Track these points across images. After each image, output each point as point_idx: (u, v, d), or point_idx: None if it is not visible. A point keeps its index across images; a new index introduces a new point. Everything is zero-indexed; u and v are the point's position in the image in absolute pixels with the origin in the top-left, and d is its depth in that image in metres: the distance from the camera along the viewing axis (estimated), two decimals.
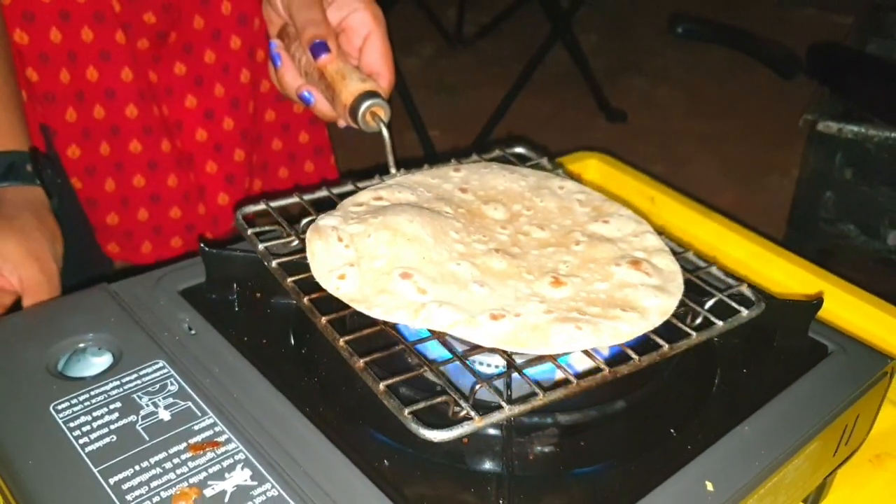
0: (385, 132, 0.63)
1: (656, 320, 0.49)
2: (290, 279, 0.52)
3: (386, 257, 0.52)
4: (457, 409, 0.43)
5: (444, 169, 0.64)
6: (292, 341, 0.56)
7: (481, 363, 0.52)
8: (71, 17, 0.80)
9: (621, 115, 2.42)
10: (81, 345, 0.53)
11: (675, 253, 0.57)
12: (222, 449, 0.45)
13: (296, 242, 0.55)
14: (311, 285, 0.51)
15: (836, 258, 1.40)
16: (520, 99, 2.26)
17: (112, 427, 0.46)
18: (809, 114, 1.19)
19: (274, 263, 0.53)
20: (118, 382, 0.50)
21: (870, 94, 1.22)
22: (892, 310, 0.74)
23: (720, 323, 0.51)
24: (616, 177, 0.97)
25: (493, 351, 0.47)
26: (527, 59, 2.30)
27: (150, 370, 0.51)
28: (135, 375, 0.50)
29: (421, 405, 0.43)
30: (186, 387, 0.49)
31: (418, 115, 2.17)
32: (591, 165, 0.99)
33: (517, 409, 0.43)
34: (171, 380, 0.50)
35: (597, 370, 0.46)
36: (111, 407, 0.48)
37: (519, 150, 0.70)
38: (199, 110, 0.90)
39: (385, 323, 0.49)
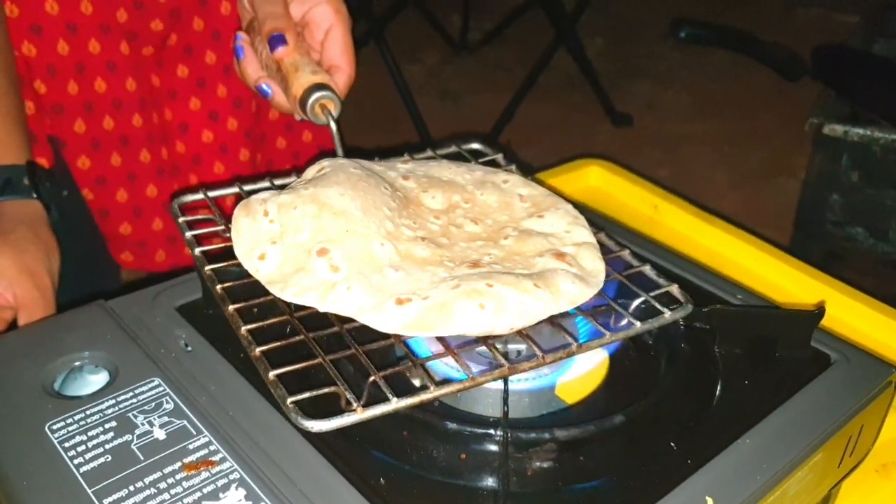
0: (333, 126, 0.63)
1: (564, 305, 0.49)
2: (208, 267, 0.52)
3: (309, 230, 0.51)
4: (347, 401, 0.43)
5: (394, 160, 0.64)
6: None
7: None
8: (78, 30, 0.80)
9: (627, 119, 2.41)
10: (78, 363, 0.53)
11: (609, 251, 0.56)
12: (217, 468, 0.45)
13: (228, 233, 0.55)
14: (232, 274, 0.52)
15: (843, 261, 1.39)
16: (525, 104, 2.26)
17: (107, 447, 0.46)
18: (815, 117, 1.18)
19: (197, 251, 0.54)
20: (114, 401, 0.49)
21: (876, 95, 1.21)
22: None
23: (638, 324, 0.50)
24: (618, 183, 0.96)
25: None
26: (531, 65, 2.30)
27: (145, 388, 0.50)
28: (130, 394, 0.50)
29: (306, 395, 0.43)
30: (182, 405, 0.49)
31: (423, 121, 2.18)
32: (593, 172, 0.98)
33: (405, 401, 0.43)
34: (167, 398, 0.50)
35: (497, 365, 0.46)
36: (106, 426, 0.47)
37: (475, 145, 0.69)
38: (203, 112, 0.91)
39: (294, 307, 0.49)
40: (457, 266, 0.51)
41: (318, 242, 0.50)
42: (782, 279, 0.79)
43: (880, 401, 0.54)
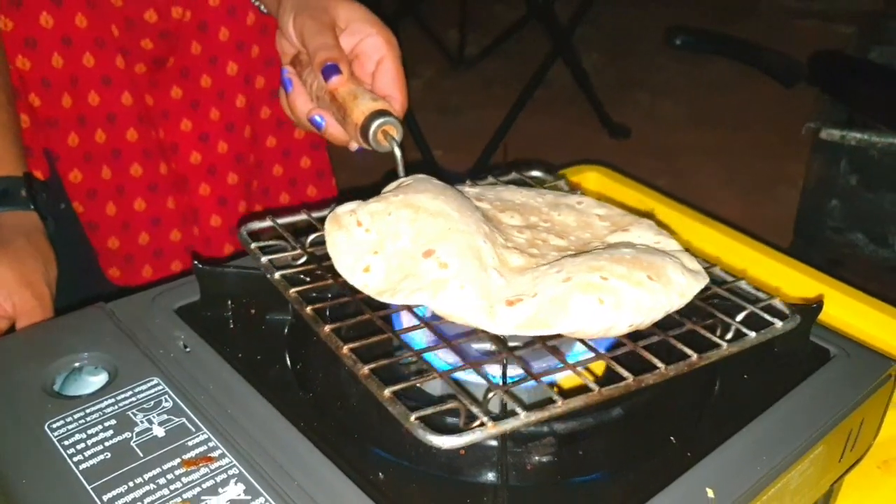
0: (397, 151, 0.63)
1: (676, 299, 0.48)
2: (293, 290, 0.51)
3: (409, 235, 0.50)
4: (468, 416, 0.42)
5: (460, 186, 0.63)
6: (287, 358, 0.55)
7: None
8: (73, 43, 0.80)
9: (625, 130, 2.42)
10: (77, 364, 0.53)
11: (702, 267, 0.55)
12: (216, 464, 0.45)
13: (302, 258, 0.55)
14: (313, 297, 0.50)
15: (844, 268, 1.39)
16: (522, 117, 2.26)
17: (107, 444, 0.46)
18: (812, 122, 1.18)
19: (277, 275, 0.53)
20: (113, 400, 0.49)
21: (872, 100, 1.22)
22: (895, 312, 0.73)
23: (752, 334, 0.49)
24: (617, 189, 0.97)
25: (508, 355, 0.47)
26: (528, 79, 2.31)
27: (144, 387, 0.50)
28: (130, 393, 0.50)
29: (429, 411, 0.41)
30: (181, 403, 0.49)
31: (422, 135, 2.18)
32: (592, 178, 0.98)
33: (534, 416, 0.42)
34: (166, 396, 0.50)
35: (620, 378, 0.45)
36: (106, 424, 0.47)
37: (535, 172, 0.70)
38: (193, 133, 0.91)
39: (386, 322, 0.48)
40: (557, 249, 0.50)
41: (421, 245, 0.49)
42: (781, 280, 0.79)
43: (880, 394, 0.54)
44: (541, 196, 0.62)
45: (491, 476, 0.46)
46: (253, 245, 0.56)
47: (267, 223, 0.58)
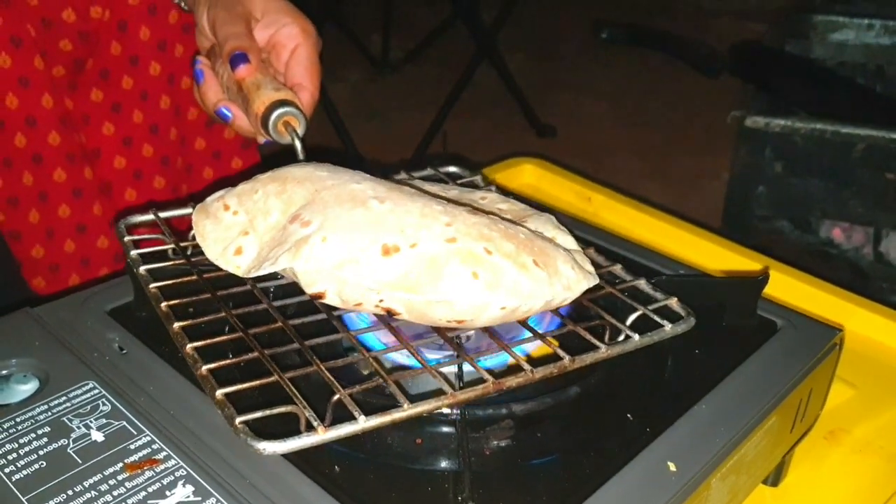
0: (297, 144, 0.60)
1: (560, 291, 0.46)
2: (153, 285, 0.49)
3: (278, 208, 0.48)
4: (308, 420, 0.40)
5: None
6: (229, 355, 0.53)
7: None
8: None
9: (551, 129, 2.44)
10: (4, 372, 0.50)
11: (600, 266, 0.54)
12: (161, 466, 0.43)
13: (180, 252, 0.53)
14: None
15: (771, 254, 1.43)
16: (450, 120, 2.26)
17: (41, 453, 0.43)
18: (737, 110, 1.21)
19: (142, 269, 0.51)
20: (46, 407, 0.47)
21: (793, 88, 1.25)
22: (832, 288, 0.75)
23: (636, 337, 0.47)
24: (551, 179, 0.97)
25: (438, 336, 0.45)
26: (455, 81, 2.31)
27: (79, 392, 0.48)
28: (64, 398, 0.47)
29: (258, 414, 0.40)
30: (120, 406, 0.47)
31: (351, 139, 2.16)
32: (527, 170, 0.99)
33: (373, 421, 0.40)
34: (103, 400, 0.47)
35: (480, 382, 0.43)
36: (39, 432, 0.45)
37: (452, 168, 0.68)
38: (116, 137, 0.87)
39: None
40: (451, 204, 0.48)
41: (290, 215, 0.47)
42: (718, 262, 0.80)
43: (827, 363, 0.55)
44: (445, 192, 0.59)
45: (449, 463, 0.45)
46: (126, 238, 0.54)
47: (149, 216, 0.56)
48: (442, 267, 0.44)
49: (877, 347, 0.70)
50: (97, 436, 0.44)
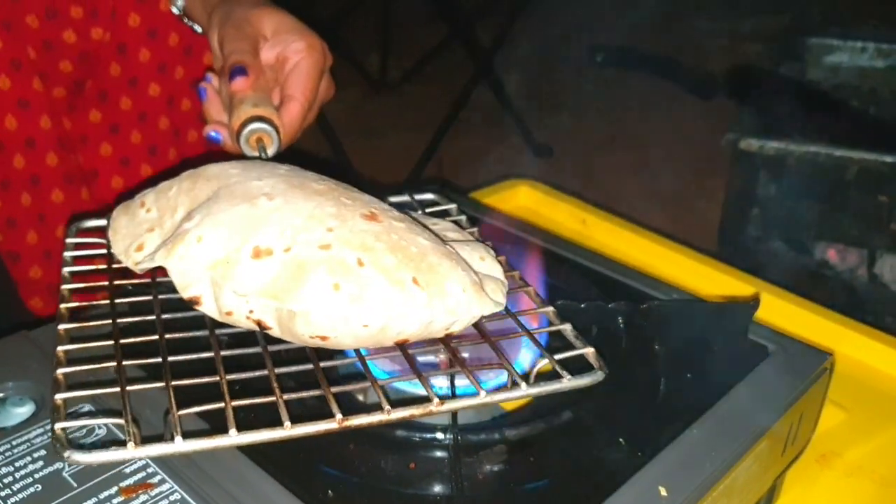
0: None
1: (441, 314, 0.43)
2: (64, 286, 0.50)
3: (185, 206, 0.47)
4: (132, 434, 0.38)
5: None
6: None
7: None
8: None
9: (547, 149, 2.45)
10: (1, 394, 0.50)
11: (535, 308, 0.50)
12: (156, 490, 0.43)
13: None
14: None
15: (765, 276, 1.43)
16: (447, 139, 2.27)
17: (37, 476, 0.44)
18: (731, 133, 1.22)
19: (65, 270, 0.52)
20: (42, 430, 0.47)
21: (786, 111, 1.26)
22: (824, 311, 0.75)
23: (523, 386, 0.42)
24: (547, 202, 0.98)
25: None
26: (451, 101, 2.32)
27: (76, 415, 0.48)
28: None
29: (77, 423, 0.41)
30: (115, 429, 0.47)
31: (347, 159, 2.17)
32: (522, 192, 0.99)
33: (191, 445, 0.38)
34: (98, 423, 0.47)
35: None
36: (35, 455, 0.45)
37: (428, 195, 0.63)
38: (114, 158, 0.88)
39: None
40: (351, 205, 0.45)
41: (188, 212, 0.46)
42: (712, 285, 0.81)
43: (818, 386, 0.55)
44: (403, 214, 0.52)
45: (442, 488, 0.45)
46: (69, 240, 0.54)
47: (102, 221, 0.55)
48: (307, 274, 0.41)
49: (868, 371, 0.70)
50: None
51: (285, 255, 0.42)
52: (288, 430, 0.39)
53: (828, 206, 1.29)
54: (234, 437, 0.39)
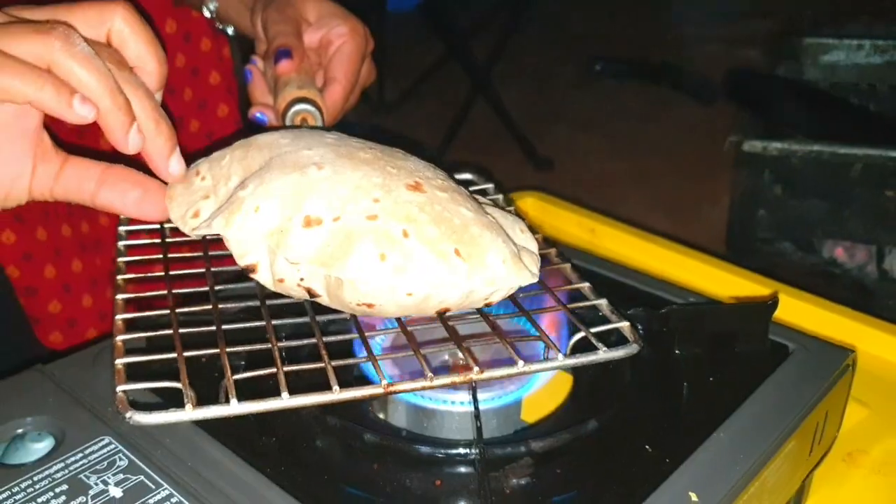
0: None
1: (480, 286, 0.44)
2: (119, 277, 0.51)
3: (238, 174, 0.48)
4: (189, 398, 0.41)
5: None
6: None
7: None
8: None
9: (548, 162, 2.45)
10: (20, 430, 0.50)
11: (570, 283, 0.53)
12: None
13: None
14: None
15: (775, 277, 1.43)
16: (447, 156, 2.28)
17: None
18: (733, 136, 1.22)
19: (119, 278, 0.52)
20: (63, 464, 0.46)
21: (787, 111, 1.26)
22: (841, 309, 0.75)
23: (560, 357, 0.44)
24: (554, 212, 0.97)
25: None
26: (450, 118, 2.33)
27: (95, 448, 0.47)
28: (80, 455, 0.47)
29: (140, 386, 0.42)
30: (137, 460, 0.46)
31: None
32: (530, 204, 0.99)
33: (245, 407, 0.40)
34: (120, 455, 0.47)
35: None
36: (57, 490, 0.44)
37: (466, 175, 0.67)
38: None
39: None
40: (396, 174, 0.46)
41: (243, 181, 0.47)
42: (725, 288, 0.80)
43: (841, 384, 0.55)
44: (435, 176, 0.52)
45: None
46: (121, 229, 0.56)
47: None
48: (354, 244, 0.43)
49: (887, 366, 0.70)
50: (115, 491, 0.44)
51: (334, 224, 0.43)
52: (336, 395, 0.41)
53: (834, 203, 1.29)
54: (286, 400, 0.41)
